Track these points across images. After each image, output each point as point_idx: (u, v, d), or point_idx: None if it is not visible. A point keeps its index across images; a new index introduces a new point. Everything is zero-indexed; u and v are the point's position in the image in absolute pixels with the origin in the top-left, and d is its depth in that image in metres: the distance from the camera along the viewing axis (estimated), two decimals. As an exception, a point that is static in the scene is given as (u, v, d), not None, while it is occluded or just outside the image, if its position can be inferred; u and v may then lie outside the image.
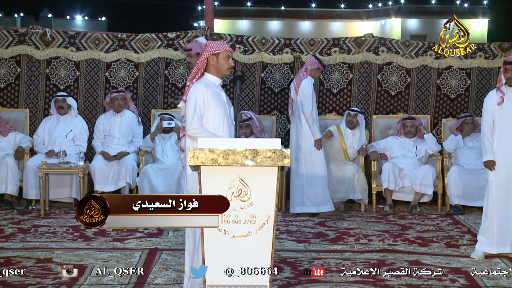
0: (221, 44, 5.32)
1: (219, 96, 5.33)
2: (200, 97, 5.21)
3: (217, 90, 5.34)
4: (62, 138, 8.88)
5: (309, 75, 8.36)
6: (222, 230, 4.51)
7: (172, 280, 5.68)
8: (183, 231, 7.44)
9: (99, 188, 8.76)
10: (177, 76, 9.50)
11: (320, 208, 8.35)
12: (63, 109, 8.97)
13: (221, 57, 5.30)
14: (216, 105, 5.26)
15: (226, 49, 5.30)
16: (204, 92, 5.22)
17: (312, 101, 8.29)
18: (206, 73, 5.35)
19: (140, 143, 9.01)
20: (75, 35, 9.57)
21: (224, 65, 5.31)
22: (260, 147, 4.46)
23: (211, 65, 5.32)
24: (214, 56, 5.29)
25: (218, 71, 5.33)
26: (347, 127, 8.98)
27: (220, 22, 28.60)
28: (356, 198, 8.88)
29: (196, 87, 5.26)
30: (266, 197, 4.51)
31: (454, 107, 9.57)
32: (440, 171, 8.88)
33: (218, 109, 5.27)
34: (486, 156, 6.52)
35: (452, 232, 7.66)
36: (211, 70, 5.34)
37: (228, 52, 5.31)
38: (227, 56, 5.31)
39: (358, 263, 6.28)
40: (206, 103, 5.22)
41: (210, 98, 5.24)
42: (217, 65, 5.31)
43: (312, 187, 8.33)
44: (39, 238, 7.12)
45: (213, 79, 5.35)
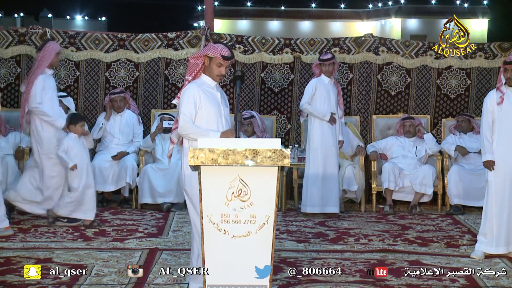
0: (218, 50, 5.28)
1: (213, 96, 5.34)
2: (191, 96, 5.25)
3: (212, 91, 5.35)
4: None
5: (318, 76, 8.38)
6: (222, 230, 4.51)
7: (172, 280, 5.68)
8: (183, 231, 7.46)
9: (99, 188, 8.76)
10: (177, 76, 9.50)
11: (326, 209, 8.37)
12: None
13: (213, 62, 5.30)
14: (209, 105, 5.28)
15: (217, 57, 5.27)
16: (196, 93, 5.25)
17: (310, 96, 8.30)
18: (203, 74, 5.38)
19: (140, 143, 9.01)
20: (75, 35, 9.57)
21: (215, 70, 5.31)
22: (260, 147, 4.46)
23: (206, 67, 5.34)
24: (207, 58, 5.31)
25: (210, 74, 5.35)
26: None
27: (220, 22, 28.60)
28: (351, 196, 8.88)
29: (189, 87, 5.30)
30: (266, 197, 4.51)
31: (454, 107, 9.57)
32: (440, 171, 8.88)
33: (211, 108, 5.29)
34: (486, 156, 6.52)
35: (452, 232, 7.66)
36: (207, 71, 5.36)
37: (219, 60, 5.27)
38: (219, 63, 5.29)
39: (358, 263, 6.28)
40: (198, 102, 5.25)
41: (203, 98, 5.26)
42: (209, 68, 5.33)
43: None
44: (39, 238, 7.12)
45: (208, 81, 5.37)
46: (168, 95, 9.49)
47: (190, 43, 9.48)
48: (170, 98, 9.47)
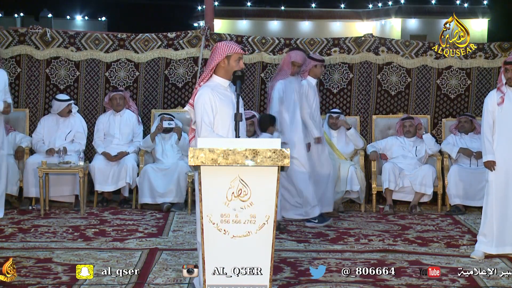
0: (232, 46, 5.17)
1: (227, 98, 5.19)
2: (207, 103, 5.10)
3: (226, 92, 5.21)
4: (61, 140, 8.85)
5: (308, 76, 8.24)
6: (222, 230, 4.51)
7: (172, 280, 5.68)
8: (183, 231, 7.46)
9: (99, 188, 8.78)
10: (177, 76, 9.50)
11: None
12: (66, 113, 8.95)
13: (232, 60, 5.17)
14: (225, 108, 5.14)
15: (237, 51, 5.16)
16: (211, 97, 5.11)
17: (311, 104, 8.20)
18: (214, 75, 5.22)
19: (140, 143, 9.01)
20: (75, 35, 9.57)
21: (235, 67, 5.17)
22: (260, 147, 4.46)
23: (221, 67, 5.19)
24: (225, 58, 5.16)
25: (227, 73, 5.19)
26: (331, 129, 9.02)
27: (220, 22, 28.62)
28: (354, 197, 8.88)
29: (203, 92, 5.14)
30: (266, 197, 4.51)
31: (454, 107, 9.57)
32: (440, 171, 8.88)
33: (227, 111, 5.14)
34: (487, 157, 6.52)
35: (452, 232, 7.66)
36: (220, 72, 5.21)
37: (239, 54, 5.17)
38: (238, 58, 5.18)
39: (358, 263, 6.28)
40: (215, 108, 5.11)
41: (218, 101, 5.12)
42: (228, 67, 5.18)
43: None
44: (39, 238, 7.12)
45: (221, 81, 5.22)
46: (168, 95, 9.49)
47: (190, 43, 9.48)
48: (170, 98, 9.48)
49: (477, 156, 8.60)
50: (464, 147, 8.87)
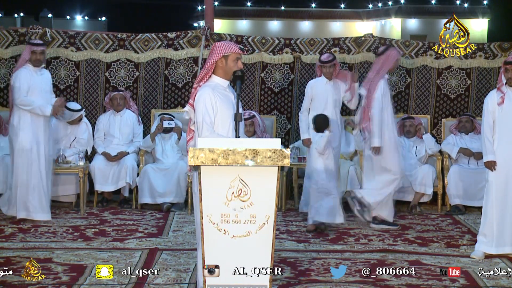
0: (230, 46, 5.13)
1: (227, 98, 5.16)
2: (208, 102, 5.06)
3: (225, 92, 5.18)
4: (66, 149, 8.77)
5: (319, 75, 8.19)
6: (222, 230, 4.51)
7: (172, 280, 5.68)
8: (183, 231, 7.46)
9: (99, 188, 8.77)
10: (177, 76, 9.50)
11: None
12: (77, 121, 8.92)
13: (230, 60, 5.13)
14: (225, 108, 5.11)
15: (235, 51, 5.13)
16: (212, 97, 5.08)
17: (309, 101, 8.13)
18: (214, 75, 5.19)
19: (140, 143, 9.01)
20: (75, 35, 9.57)
21: (233, 67, 5.14)
22: (260, 147, 4.46)
23: (220, 67, 5.15)
24: (223, 58, 5.13)
25: (226, 73, 5.16)
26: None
27: (220, 22, 28.63)
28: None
29: (203, 92, 5.11)
30: (266, 197, 4.51)
31: (454, 107, 9.57)
32: (440, 171, 8.88)
33: (227, 111, 5.11)
34: (487, 157, 6.52)
35: (452, 232, 7.66)
36: (219, 72, 5.17)
37: (237, 54, 5.14)
38: (236, 58, 5.14)
39: (358, 263, 6.28)
40: (215, 108, 5.08)
41: (219, 101, 5.09)
42: (226, 67, 5.14)
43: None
44: (39, 238, 7.12)
45: (221, 82, 5.18)
46: (168, 95, 9.49)
47: (190, 43, 9.48)
48: (170, 98, 9.48)
49: (477, 156, 8.59)
50: (464, 147, 8.87)
